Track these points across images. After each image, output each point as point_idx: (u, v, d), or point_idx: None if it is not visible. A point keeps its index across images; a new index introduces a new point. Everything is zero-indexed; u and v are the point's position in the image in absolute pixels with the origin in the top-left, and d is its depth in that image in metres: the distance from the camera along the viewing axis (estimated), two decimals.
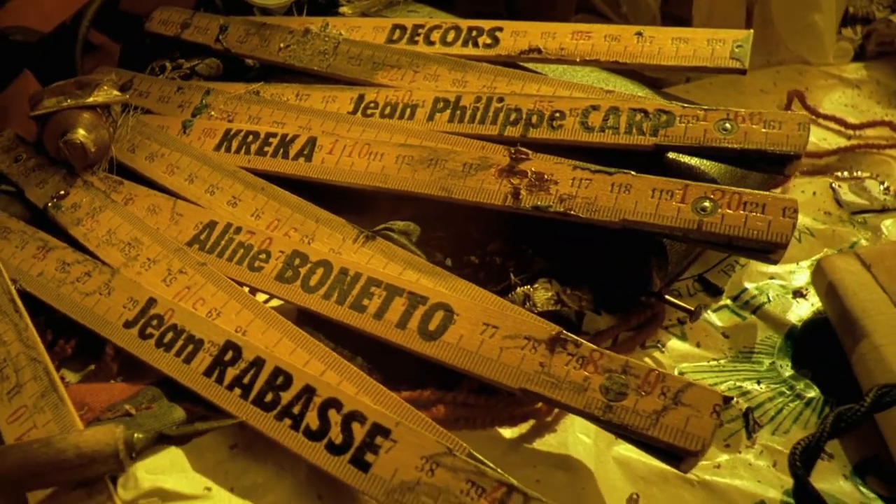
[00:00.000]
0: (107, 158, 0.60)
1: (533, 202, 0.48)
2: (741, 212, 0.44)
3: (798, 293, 0.50)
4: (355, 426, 0.39)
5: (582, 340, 0.41)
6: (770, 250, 0.44)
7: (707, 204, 0.45)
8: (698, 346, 0.49)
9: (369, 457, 0.38)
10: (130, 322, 0.47)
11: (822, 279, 0.47)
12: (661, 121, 0.51)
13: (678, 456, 0.37)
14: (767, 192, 0.45)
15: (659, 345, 0.49)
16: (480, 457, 0.37)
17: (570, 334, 0.41)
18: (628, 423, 0.38)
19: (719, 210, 0.45)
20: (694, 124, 0.51)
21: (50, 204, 0.57)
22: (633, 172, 0.48)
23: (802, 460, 0.36)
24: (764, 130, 0.49)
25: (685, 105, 0.53)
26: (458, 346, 0.42)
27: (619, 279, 0.49)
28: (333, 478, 0.40)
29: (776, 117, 0.50)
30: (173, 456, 0.42)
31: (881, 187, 0.59)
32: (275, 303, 0.48)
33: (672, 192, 0.46)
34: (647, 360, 0.48)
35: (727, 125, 0.50)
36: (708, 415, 0.37)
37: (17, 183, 0.60)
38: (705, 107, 0.51)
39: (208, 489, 0.40)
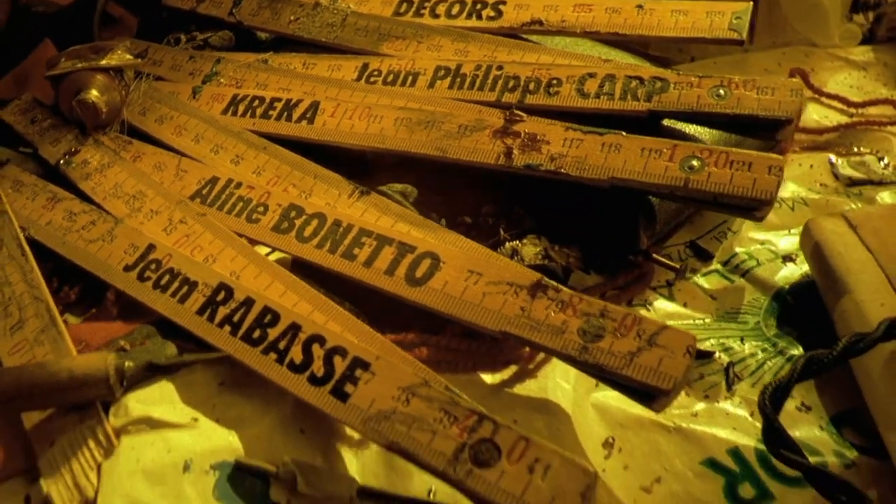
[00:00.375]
0: (118, 121, 0.62)
1: (525, 161, 0.49)
2: (727, 170, 0.45)
3: (787, 258, 0.51)
4: (337, 360, 0.40)
5: (562, 287, 0.41)
6: (755, 207, 0.44)
7: (695, 163, 0.46)
8: (685, 306, 0.49)
9: (349, 388, 0.39)
10: (130, 266, 0.49)
11: (809, 240, 0.47)
12: (656, 87, 0.52)
13: (651, 395, 0.37)
14: (754, 152, 0.46)
15: (646, 304, 0.49)
16: (455, 389, 0.38)
17: (551, 281, 0.42)
18: (603, 363, 0.38)
19: (706, 168, 0.45)
20: (688, 91, 0.51)
21: (62, 161, 0.59)
22: (623, 133, 0.48)
23: (772, 401, 0.36)
24: (757, 96, 0.49)
25: (680, 72, 0.53)
26: (443, 292, 0.43)
27: (607, 238, 0.50)
28: (316, 413, 0.42)
29: (769, 84, 0.50)
30: (163, 389, 0.43)
31: (880, 163, 0.59)
32: (273, 257, 0.50)
33: (661, 151, 0.47)
34: None
35: (721, 91, 0.50)
36: (681, 355, 0.37)
37: (32, 141, 0.62)
38: (700, 74, 0.52)
39: (195, 419, 0.42)
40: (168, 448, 0.40)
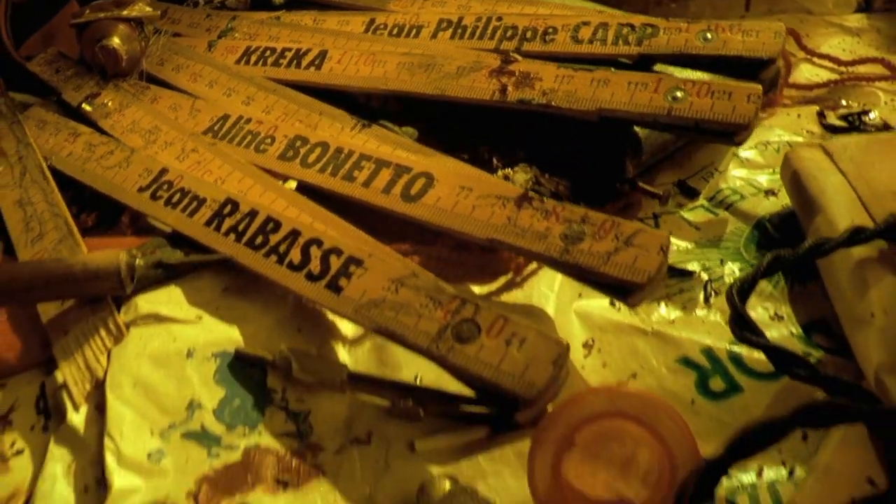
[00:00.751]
0: (137, 70, 0.65)
1: (518, 96, 0.52)
2: (709, 99, 0.47)
3: (769, 192, 0.52)
4: (332, 259, 0.43)
5: (547, 199, 0.44)
6: (734, 132, 0.47)
7: (678, 93, 0.48)
8: (670, 234, 0.51)
9: (342, 282, 0.41)
10: (144, 187, 0.52)
11: (788, 168, 0.49)
12: (647, 33, 0.54)
13: (627, 290, 0.40)
14: (734, 81, 0.48)
15: None
16: (442, 281, 0.40)
17: (536, 193, 0.44)
18: (583, 262, 0.40)
19: (689, 98, 0.48)
20: (677, 35, 0.54)
21: (83, 103, 0.62)
22: (612, 69, 0.51)
23: (738, 292, 0.38)
24: (742, 38, 0.52)
25: (671, 19, 0.56)
26: (436, 206, 0.46)
27: (595, 168, 0.52)
28: (313, 313, 0.44)
29: (754, 27, 0.52)
30: (171, 292, 0.46)
31: (868, 115, 0.61)
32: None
33: (646, 83, 0.49)
34: None
35: (708, 35, 0.53)
36: (655, 253, 0.39)
37: (56, 87, 0.65)
38: (689, 20, 0.54)
39: (199, 317, 0.44)
40: (173, 338, 0.43)
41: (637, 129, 0.51)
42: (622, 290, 0.40)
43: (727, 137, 0.47)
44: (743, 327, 0.37)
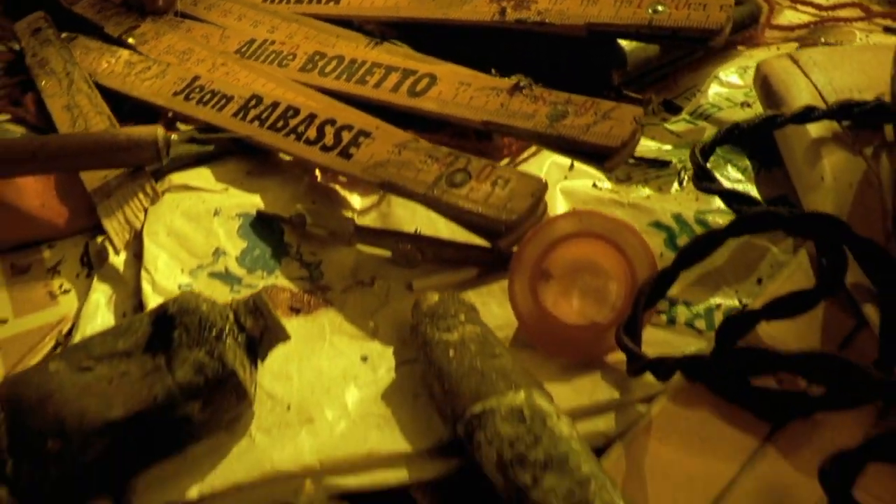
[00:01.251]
0: (173, 9, 0.72)
1: (516, 16, 0.57)
2: (686, 10, 0.52)
3: (745, 104, 0.58)
4: (344, 133, 0.48)
5: (535, 86, 0.49)
6: (708, 38, 0.51)
7: (660, 7, 0.53)
8: (653, 139, 0.56)
9: (353, 150, 0.47)
10: (178, 92, 0.58)
11: (759, 75, 0.54)
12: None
13: (604, 155, 0.45)
14: None
15: None
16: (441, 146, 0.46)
17: (527, 83, 0.50)
18: (565, 133, 0.46)
19: (668, 10, 0.53)
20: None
21: (123, 34, 0.69)
22: None
23: (701, 152, 0.43)
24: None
25: None
26: (438, 99, 0.51)
27: (584, 79, 0.57)
28: (325, 190, 0.50)
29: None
30: (200, 172, 0.52)
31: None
32: None
33: (631, 0, 0.55)
34: None
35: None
36: (628, 123, 0.45)
37: (98, 23, 0.72)
38: None
39: (225, 189, 0.50)
40: (202, 201, 0.48)
41: (622, 43, 0.56)
42: (600, 157, 0.45)
43: (702, 42, 0.52)
44: (703, 178, 0.42)
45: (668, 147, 0.55)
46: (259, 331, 0.34)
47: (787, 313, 0.35)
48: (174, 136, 0.49)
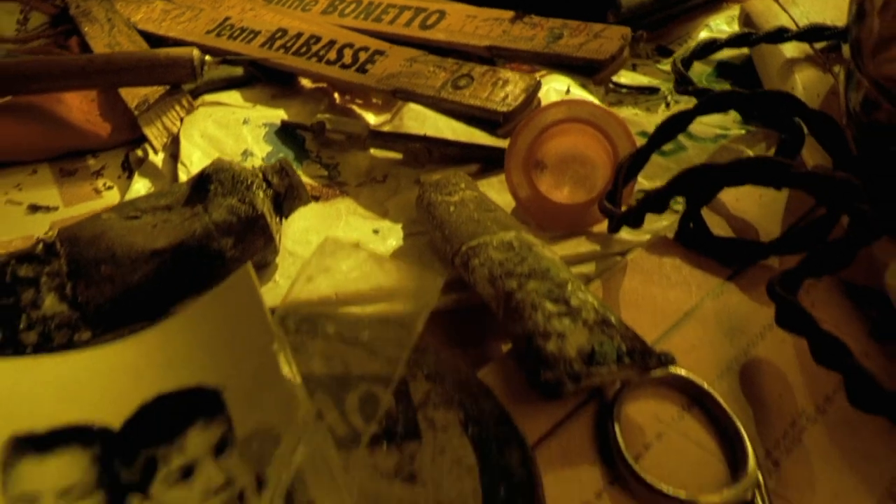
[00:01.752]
0: None
1: None
2: None
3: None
4: (361, 54, 0.53)
5: (535, 16, 0.54)
6: None
7: None
8: (645, 76, 0.61)
9: (368, 66, 0.52)
10: (210, 31, 0.63)
11: (743, 14, 0.59)
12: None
13: (594, 69, 0.49)
14: None
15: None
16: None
17: (528, 13, 0.55)
18: (560, 52, 0.50)
19: None
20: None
21: None
22: None
23: (682, 61, 0.48)
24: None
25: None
26: (447, 30, 0.56)
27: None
28: (344, 112, 0.54)
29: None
30: (230, 94, 0.57)
31: None
32: None
33: None
34: None
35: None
36: (616, 40, 0.49)
37: None
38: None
39: (253, 105, 0.55)
40: (232, 113, 0.53)
41: None
42: (592, 70, 0.50)
43: None
44: (682, 83, 0.47)
45: (660, 82, 0.60)
46: (284, 188, 0.39)
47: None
48: (208, 58, 0.54)
